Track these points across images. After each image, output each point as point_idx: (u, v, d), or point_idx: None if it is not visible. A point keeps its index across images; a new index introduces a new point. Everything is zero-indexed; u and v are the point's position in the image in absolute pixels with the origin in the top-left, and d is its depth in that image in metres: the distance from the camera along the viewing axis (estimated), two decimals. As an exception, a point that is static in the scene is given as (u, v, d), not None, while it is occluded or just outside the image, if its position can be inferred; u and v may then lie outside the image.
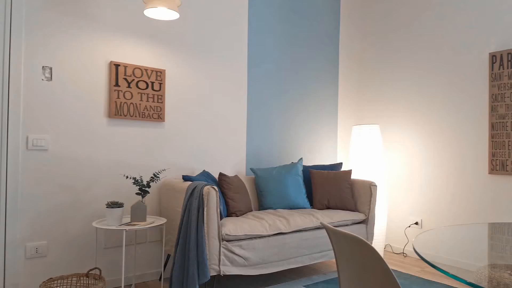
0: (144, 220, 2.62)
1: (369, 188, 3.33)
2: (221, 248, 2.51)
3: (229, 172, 3.47)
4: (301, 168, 3.48)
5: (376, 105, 4.25)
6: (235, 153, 3.52)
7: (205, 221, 2.46)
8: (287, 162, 3.88)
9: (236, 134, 3.53)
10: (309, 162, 4.07)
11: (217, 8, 3.40)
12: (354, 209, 3.36)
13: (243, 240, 2.63)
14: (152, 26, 3.06)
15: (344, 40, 4.37)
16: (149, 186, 2.64)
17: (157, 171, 3.00)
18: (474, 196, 3.33)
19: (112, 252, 2.86)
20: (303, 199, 3.33)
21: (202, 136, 3.32)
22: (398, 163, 3.98)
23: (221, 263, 2.51)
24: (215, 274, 2.49)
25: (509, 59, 3.07)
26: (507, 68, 3.08)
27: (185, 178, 2.79)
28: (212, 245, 2.48)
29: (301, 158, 3.58)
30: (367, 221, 3.33)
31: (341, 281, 1.32)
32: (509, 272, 1.22)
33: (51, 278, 2.38)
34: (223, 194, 2.94)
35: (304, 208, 3.31)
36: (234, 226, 2.59)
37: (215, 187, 2.50)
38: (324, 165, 3.65)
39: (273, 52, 3.80)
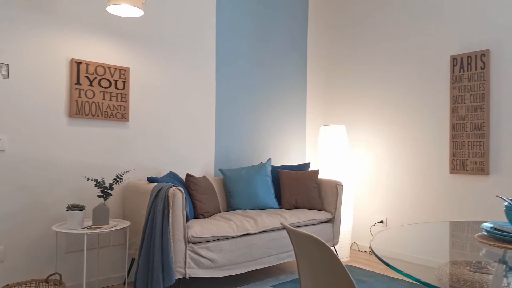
0: (107, 223, 2.54)
1: (336, 188, 3.38)
2: (187, 250, 2.47)
3: (197, 173, 3.43)
4: (269, 168, 3.49)
5: (343, 105, 4.31)
6: (204, 154, 3.48)
7: (170, 224, 2.41)
8: (256, 162, 3.87)
9: (204, 134, 3.48)
10: (278, 162, 4.08)
11: (183, 4, 3.34)
12: (321, 208, 3.40)
13: (210, 241, 2.59)
14: (116, 23, 2.96)
15: (313, 41, 4.40)
16: (111, 188, 2.56)
17: (120, 173, 2.92)
18: (436, 195, 3.44)
19: (74, 256, 2.76)
20: (271, 199, 3.34)
21: (169, 136, 3.25)
22: (365, 163, 4.05)
23: (187, 265, 2.47)
24: (180, 277, 2.44)
25: (469, 62, 3.18)
26: (467, 71, 3.19)
27: (150, 179, 2.73)
28: (177, 247, 2.43)
29: (270, 159, 3.58)
30: (333, 220, 3.38)
31: (301, 281, 1.32)
32: (468, 268, 1.26)
33: (8, 285, 2.27)
34: (190, 195, 2.90)
35: (273, 208, 3.32)
36: (201, 228, 2.56)
37: (181, 189, 2.46)
38: (292, 165, 3.67)
39: (242, 50, 3.77)
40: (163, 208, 2.42)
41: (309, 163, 3.69)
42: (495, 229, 1.43)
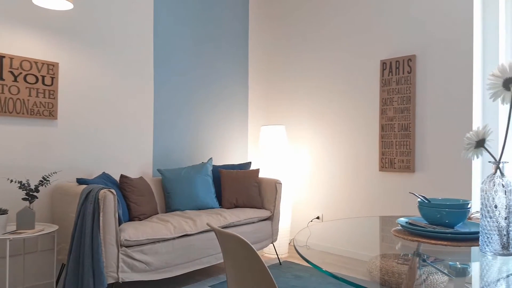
0: (33, 227, 2.39)
1: (275, 186, 3.44)
2: (120, 254, 2.39)
3: (134, 174, 3.33)
4: (210, 168, 3.47)
5: (284, 105, 4.40)
6: (141, 154, 3.38)
7: (101, 227, 2.32)
8: (197, 162, 3.84)
9: (141, 133, 3.39)
10: (220, 161, 4.07)
11: None
12: (261, 206, 3.45)
13: (145, 244, 2.53)
14: (44, 15, 2.79)
15: (254, 43, 4.45)
16: (37, 191, 2.41)
17: (47, 174, 2.75)
18: (367, 191, 3.63)
19: (-5, 265, 2.56)
20: (212, 199, 3.33)
21: (102, 136, 3.12)
22: (304, 162, 4.17)
23: (119, 270, 2.39)
24: (113, 281, 2.36)
25: (397, 66, 3.39)
26: (395, 75, 3.40)
27: (80, 181, 2.60)
28: (109, 252, 2.34)
29: (211, 158, 3.57)
30: (272, 218, 3.44)
31: (228, 281, 1.34)
32: (396, 261, 1.34)
33: None
34: (125, 197, 2.81)
35: (213, 208, 3.31)
36: (135, 230, 2.49)
37: (113, 190, 2.37)
38: (233, 164, 3.68)
39: (182, 48, 3.72)
40: (93, 211, 2.32)
41: (250, 162, 3.73)
42: (410, 223, 1.54)
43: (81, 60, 2.99)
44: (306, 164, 4.15)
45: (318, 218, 4.01)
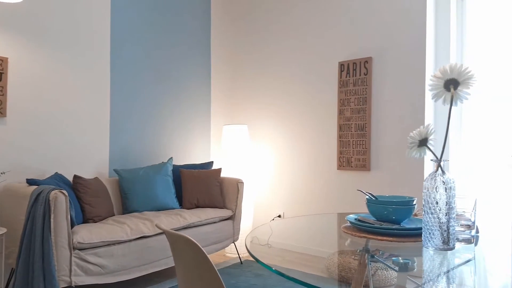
0: (-23, 232, 2.26)
1: (237, 186, 3.45)
2: (73, 257, 2.31)
3: (89, 174, 3.22)
4: (170, 168, 3.42)
5: (246, 105, 4.41)
6: (96, 153, 3.28)
7: (52, 230, 2.23)
8: (157, 162, 3.77)
9: (97, 132, 3.28)
10: (182, 161, 4.02)
11: (74, -6, 3.11)
12: (222, 206, 3.44)
13: (100, 247, 2.46)
14: (-10, 7, 2.64)
15: (216, 40, 4.43)
16: (-18, 193, 2.28)
17: (-5, 175, 2.62)
18: (326, 189, 3.71)
19: None
20: (172, 199, 3.28)
21: (55, 134, 3.00)
22: (266, 161, 4.20)
23: (72, 273, 2.31)
24: (65, 285, 2.28)
25: (354, 68, 3.49)
26: (352, 76, 3.49)
27: (30, 182, 2.49)
28: (61, 255, 2.26)
29: (171, 158, 3.52)
30: (234, 217, 3.44)
31: (179, 283, 1.32)
32: (353, 257, 1.37)
33: None
34: (78, 198, 2.71)
35: (173, 208, 3.26)
36: (88, 233, 2.41)
37: (65, 191, 2.29)
38: (195, 164, 3.65)
39: (141, 44, 3.63)
40: (44, 213, 2.23)
41: (212, 162, 3.71)
42: (359, 220, 1.58)
43: (33, 55, 2.86)
44: (268, 163, 4.19)
45: (279, 216, 4.05)
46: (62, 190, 2.27)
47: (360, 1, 3.53)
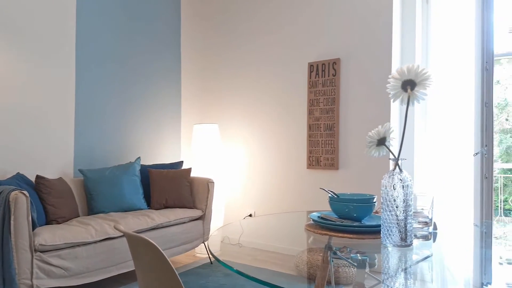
0: None
1: (207, 185, 3.43)
2: (34, 260, 2.24)
3: (53, 175, 3.12)
4: (138, 168, 3.37)
5: (218, 104, 4.40)
6: (60, 153, 3.18)
7: (12, 232, 2.15)
8: (124, 161, 3.70)
9: (61, 131, 3.19)
10: (151, 161, 3.96)
11: (37, -11, 3.01)
12: (192, 206, 3.41)
13: (63, 249, 2.39)
14: None
15: (186, 42, 4.39)
16: None
17: (-50, 176, 2.50)
18: (296, 188, 3.75)
19: None
20: (139, 200, 3.23)
21: (17, 132, 2.89)
22: (237, 160, 4.20)
23: (34, 276, 2.24)
24: (26, 290, 2.20)
25: (323, 69, 3.54)
26: (321, 77, 3.54)
27: (-12, 183, 2.39)
28: (22, 257, 2.18)
29: (139, 157, 3.46)
30: (204, 217, 3.42)
31: (139, 284, 1.30)
32: (321, 255, 1.39)
33: None
34: (41, 199, 2.63)
35: (141, 209, 3.21)
36: (51, 235, 2.34)
37: (25, 192, 2.21)
38: (164, 164, 3.60)
39: (108, 40, 3.56)
40: (3, 215, 2.15)
41: (182, 162, 3.67)
42: (322, 218, 1.61)
43: (-8, 51, 2.75)
44: (240, 162, 4.19)
45: (250, 215, 4.06)
46: (22, 191, 2.20)
47: (328, 3, 3.58)
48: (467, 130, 3.08)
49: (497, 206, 6.06)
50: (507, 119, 7.15)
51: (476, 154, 2.96)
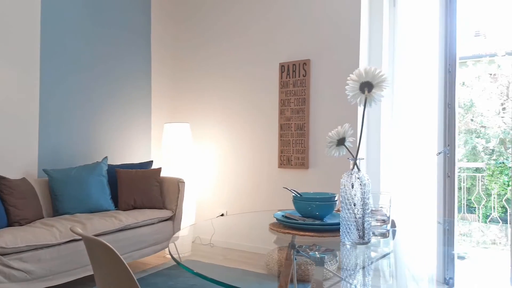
0: None
1: (177, 185, 3.40)
2: (-7, 264, 2.17)
3: (15, 175, 3.02)
4: (105, 168, 3.30)
5: (189, 104, 4.37)
6: (24, 152, 3.08)
7: (-31, 235, 2.08)
8: (91, 161, 3.62)
9: (24, 130, 3.08)
10: (119, 161, 3.89)
11: (-1, -17, 2.91)
12: (162, 207, 3.38)
13: (25, 252, 2.33)
14: None
15: (157, 40, 4.34)
16: None
17: None
18: (268, 187, 3.78)
19: None
20: (106, 200, 3.17)
21: (-22, 133, 2.79)
22: (209, 159, 4.19)
23: (-7, 281, 2.16)
24: (-16, 295, 2.13)
25: (294, 69, 3.58)
26: (292, 77, 3.58)
27: None
28: (-21, 262, 2.11)
29: (106, 157, 3.40)
30: (174, 218, 3.40)
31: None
32: (285, 253, 1.41)
33: None
34: (3, 200, 2.54)
35: (108, 210, 3.15)
36: (13, 237, 2.27)
37: (-16, 194, 2.14)
38: (133, 164, 3.55)
39: (74, 37, 3.47)
40: (-41, 218, 2.07)
41: (151, 161, 3.63)
42: (286, 217, 1.63)
43: (-51, 47, 2.64)
44: (211, 161, 4.18)
45: (222, 215, 4.05)
46: (-21, 193, 2.12)
47: (298, 5, 3.62)
48: (431, 130, 3.18)
49: (461, 204, 6.29)
50: (472, 120, 7.43)
51: (439, 153, 3.06)
